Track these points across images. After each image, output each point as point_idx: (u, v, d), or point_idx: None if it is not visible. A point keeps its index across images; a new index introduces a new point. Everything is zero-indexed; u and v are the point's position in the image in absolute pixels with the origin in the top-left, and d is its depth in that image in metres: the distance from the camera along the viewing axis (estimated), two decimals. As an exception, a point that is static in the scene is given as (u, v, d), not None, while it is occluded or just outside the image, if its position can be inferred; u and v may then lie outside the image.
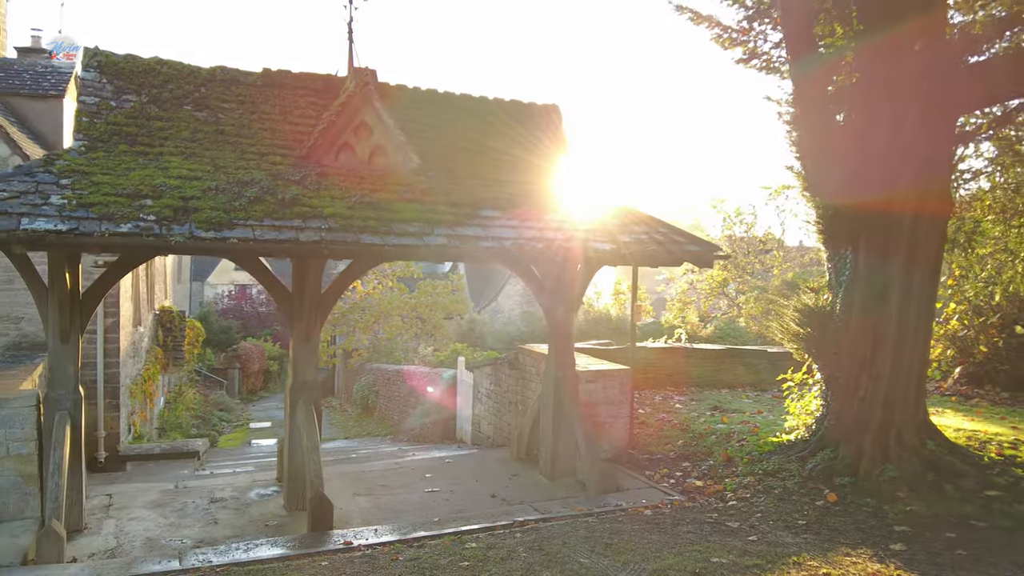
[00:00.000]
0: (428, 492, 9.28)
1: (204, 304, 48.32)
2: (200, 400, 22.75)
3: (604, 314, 36.21)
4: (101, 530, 7.90)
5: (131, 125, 7.48)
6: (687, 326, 34.95)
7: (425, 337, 26.78)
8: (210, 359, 35.38)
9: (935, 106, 7.75)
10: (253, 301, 50.60)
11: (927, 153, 7.81)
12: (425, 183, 8.12)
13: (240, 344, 38.05)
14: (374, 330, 27.90)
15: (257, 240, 6.63)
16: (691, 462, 9.65)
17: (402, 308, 26.97)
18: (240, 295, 50.82)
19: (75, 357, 7.65)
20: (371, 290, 29.64)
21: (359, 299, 29.07)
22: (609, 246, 8.11)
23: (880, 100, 7.94)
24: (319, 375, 8.49)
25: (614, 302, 39.37)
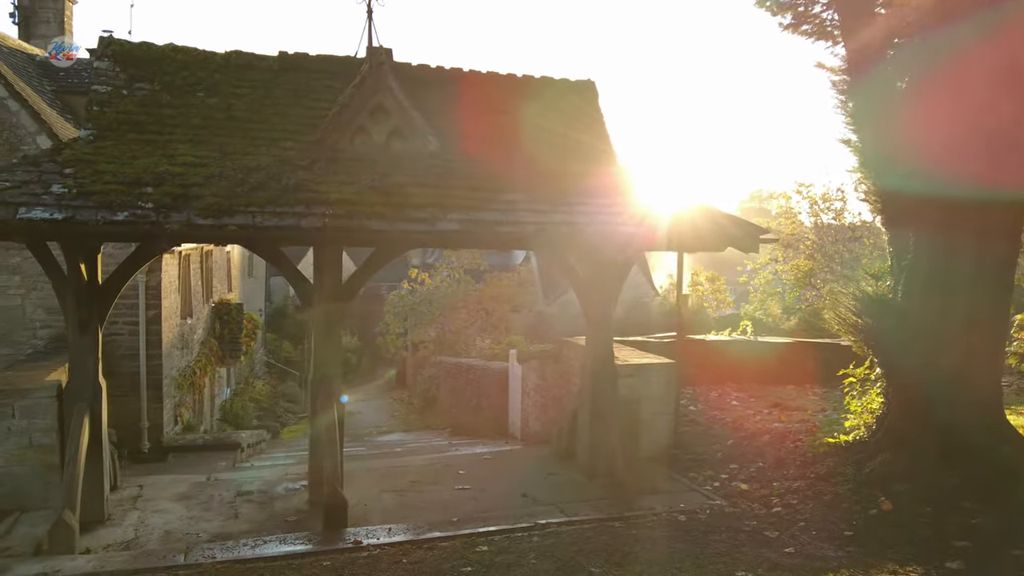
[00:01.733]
0: (458, 490, 8.91)
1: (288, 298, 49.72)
2: (268, 391, 23.17)
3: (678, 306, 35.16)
4: (123, 521, 7.85)
5: (141, 113, 7.37)
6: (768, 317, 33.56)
7: (491, 330, 26.53)
8: (288, 351, 36.24)
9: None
10: (333, 296, 51.35)
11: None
12: (443, 166, 7.72)
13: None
14: (441, 323, 27.88)
15: (257, 227, 6.38)
16: (739, 464, 8.94)
17: (467, 301, 26.79)
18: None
19: (95, 348, 7.62)
20: (439, 283, 29.64)
21: (427, 292, 29.13)
22: (639, 230, 7.52)
23: (961, 66, 7.01)
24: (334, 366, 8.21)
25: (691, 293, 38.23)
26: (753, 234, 8.00)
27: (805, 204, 28.88)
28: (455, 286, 28.40)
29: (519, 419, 14.02)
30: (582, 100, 9.23)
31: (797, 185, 29.03)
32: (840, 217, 28.40)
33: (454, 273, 29.59)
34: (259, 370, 30.10)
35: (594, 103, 9.29)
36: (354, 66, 8.20)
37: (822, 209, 28.28)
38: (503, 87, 8.94)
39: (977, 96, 6.86)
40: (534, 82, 9.14)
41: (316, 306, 8.04)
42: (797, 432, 9.39)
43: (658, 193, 8.44)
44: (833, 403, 11.07)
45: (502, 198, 7.43)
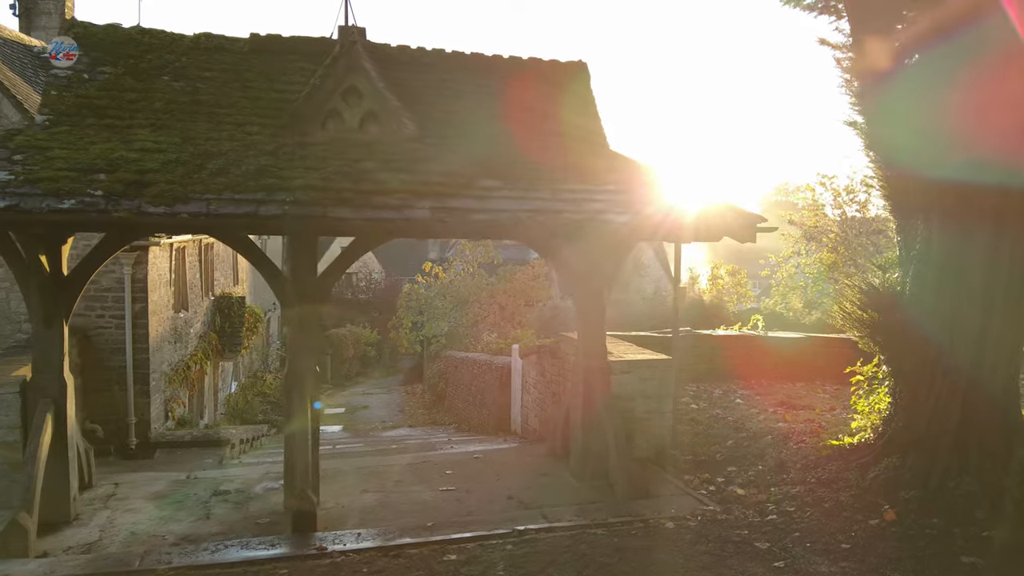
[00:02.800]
0: (442, 491, 8.53)
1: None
2: (277, 385, 22.95)
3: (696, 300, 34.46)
4: (91, 521, 7.58)
5: (102, 98, 7.05)
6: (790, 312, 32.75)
7: (503, 324, 26.13)
8: (308, 345, 36.11)
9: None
10: (354, 288, 51.58)
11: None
12: (419, 151, 7.32)
13: (332, 330, 38.70)
14: (454, 317, 27.54)
15: (211, 215, 6.02)
16: (738, 466, 8.46)
17: (480, 295, 26.39)
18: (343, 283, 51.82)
19: (60, 342, 7.34)
20: (453, 277, 29.28)
21: (441, 286, 28.78)
22: (626, 218, 7.06)
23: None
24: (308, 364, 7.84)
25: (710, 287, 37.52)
26: (750, 223, 7.50)
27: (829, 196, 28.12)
28: (469, 280, 28.00)
29: (520, 416, 13.63)
30: (573, 82, 8.77)
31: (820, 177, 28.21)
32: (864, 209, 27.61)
33: (468, 267, 29.20)
34: (272, 364, 30.01)
35: (586, 85, 8.82)
36: (330, 47, 7.81)
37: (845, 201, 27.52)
38: (489, 69, 8.51)
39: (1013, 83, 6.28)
40: (522, 64, 8.70)
41: (289, 300, 7.69)
42: (801, 433, 8.88)
43: (653, 181, 7.96)
44: (843, 402, 10.50)
45: (479, 184, 7.01)
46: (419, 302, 28.39)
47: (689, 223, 7.38)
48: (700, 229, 7.45)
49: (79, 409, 10.55)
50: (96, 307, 10.80)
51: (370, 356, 42.07)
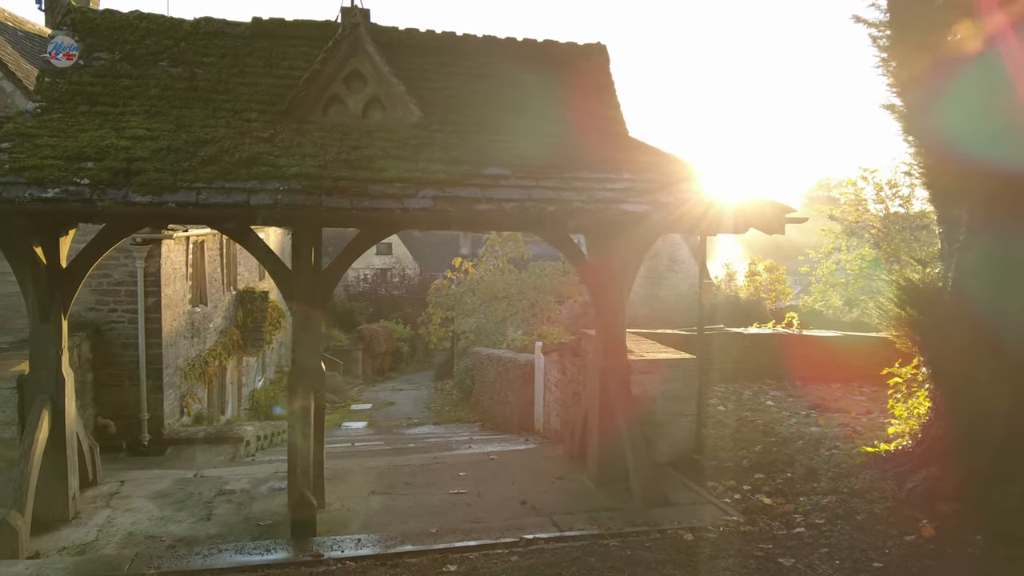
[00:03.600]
0: (452, 494, 8.18)
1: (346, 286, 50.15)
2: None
3: (732, 297, 33.67)
4: (90, 521, 7.38)
5: (97, 84, 6.82)
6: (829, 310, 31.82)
7: (533, 320, 25.74)
8: (340, 340, 36.25)
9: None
10: (388, 284, 51.70)
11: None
12: (423, 138, 6.96)
13: (364, 326, 38.77)
14: (484, 313, 27.24)
15: (199, 205, 5.73)
16: (765, 473, 7.96)
17: (509, 290, 26.03)
18: (378, 278, 52.05)
19: (57, 337, 7.15)
20: (484, 273, 28.98)
21: (471, 282, 28.50)
22: (642, 208, 6.61)
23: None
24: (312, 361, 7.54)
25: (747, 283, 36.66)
26: (779, 214, 7.00)
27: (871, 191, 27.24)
28: (498, 276, 27.65)
29: (542, 415, 13.24)
30: (591, 65, 8.32)
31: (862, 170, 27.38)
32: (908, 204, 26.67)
33: (498, 262, 28.86)
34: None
35: (604, 69, 8.36)
36: (334, 31, 7.49)
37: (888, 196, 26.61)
38: (501, 52, 8.11)
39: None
40: (537, 46, 8.28)
41: (291, 295, 7.40)
42: (835, 438, 8.33)
43: (675, 170, 7.49)
44: (881, 405, 9.89)
45: (485, 172, 6.63)
46: (448, 298, 28.13)
47: (712, 214, 6.91)
48: (724, 221, 6.97)
49: (91, 404, 10.52)
50: (108, 301, 10.67)
51: (403, 352, 42.09)
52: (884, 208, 27.31)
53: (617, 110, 8.08)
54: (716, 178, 7.45)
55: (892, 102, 7.03)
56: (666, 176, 7.22)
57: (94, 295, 10.65)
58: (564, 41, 8.32)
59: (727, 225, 6.94)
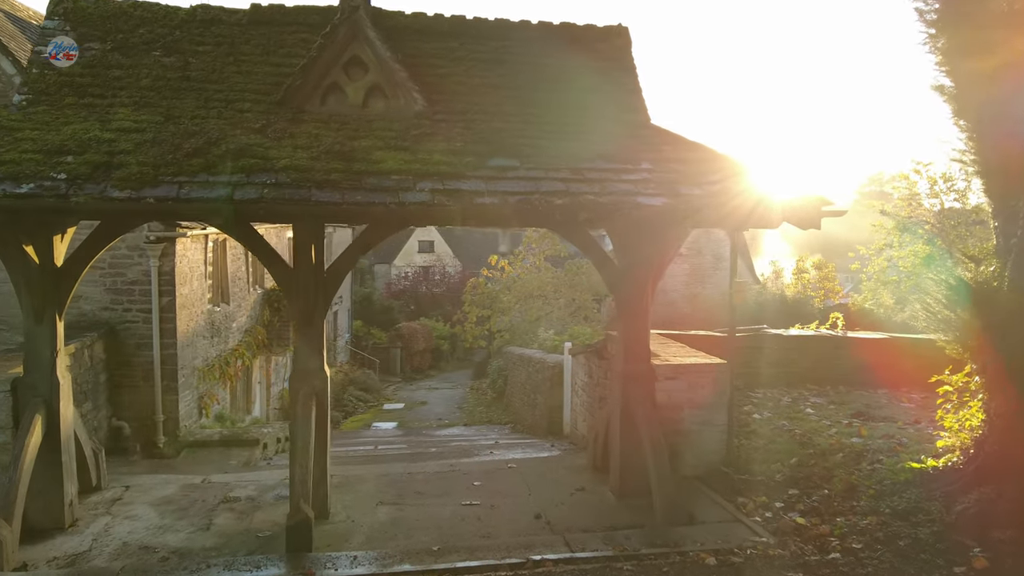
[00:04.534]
0: (464, 506, 7.74)
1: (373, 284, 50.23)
2: (340, 380, 22.74)
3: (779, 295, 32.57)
4: (87, 529, 7.13)
5: (86, 75, 6.54)
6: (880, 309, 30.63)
7: (569, 319, 25.18)
8: (379, 338, 36.18)
9: None
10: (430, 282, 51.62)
11: None
12: (426, 128, 6.52)
13: (403, 323, 38.61)
14: (521, 311, 26.76)
15: (180, 199, 5.38)
16: (801, 489, 7.35)
17: (544, 288, 25.50)
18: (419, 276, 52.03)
19: (52, 338, 6.89)
20: (521, 271, 28.50)
21: (507, 280, 28.05)
22: (660, 201, 6.07)
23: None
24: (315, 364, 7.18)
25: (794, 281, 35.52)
26: (813, 207, 6.39)
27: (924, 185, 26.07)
28: (534, 274, 27.13)
29: (570, 419, 12.73)
30: (611, 49, 7.78)
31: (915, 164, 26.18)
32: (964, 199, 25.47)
33: (535, 260, 28.35)
34: (343, 358, 30.01)
35: (625, 52, 7.81)
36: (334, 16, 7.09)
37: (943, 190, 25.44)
38: (515, 36, 7.62)
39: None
40: (553, 29, 7.77)
41: (294, 293, 7.03)
42: (878, 451, 7.66)
43: (701, 160, 6.91)
44: (930, 414, 9.13)
45: (491, 164, 6.16)
46: (483, 296, 27.72)
47: (742, 207, 6.32)
48: (753, 214, 6.38)
49: (104, 406, 10.36)
50: (123, 300, 10.50)
51: (443, 349, 41.83)
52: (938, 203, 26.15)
53: (638, 96, 7.52)
54: (748, 170, 6.85)
55: (941, 82, 6.36)
56: (690, 167, 6.66)
57: (108, 294, 10.50)
58: (582, 23, 7.79)
59: (758, 219, 6.35)
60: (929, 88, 6.44)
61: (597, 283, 26.83)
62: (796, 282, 35.54)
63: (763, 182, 6.64)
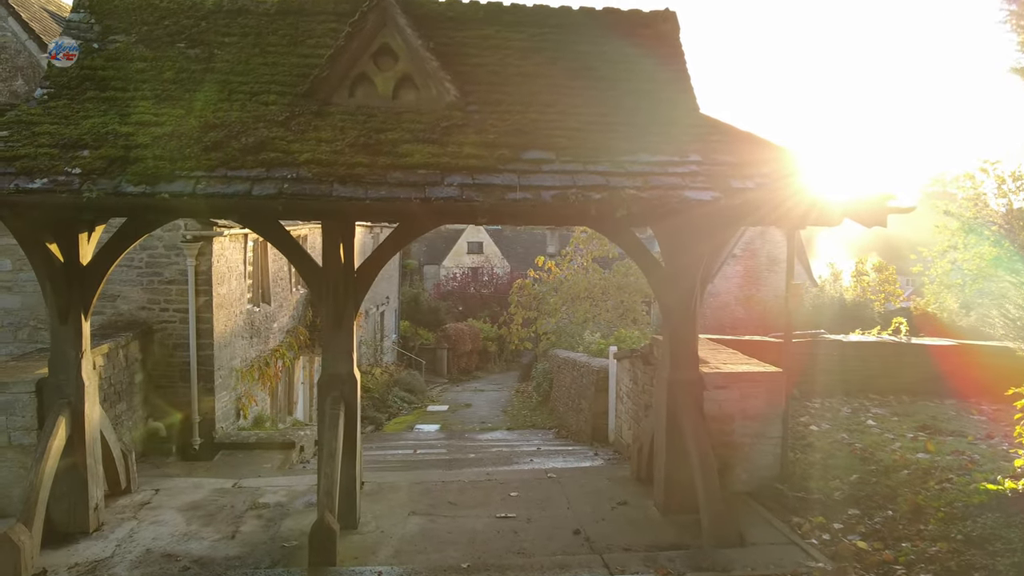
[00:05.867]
0: (499, 518, 7.37)
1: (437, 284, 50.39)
2: (384, 380, 22.61)
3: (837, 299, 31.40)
4: (112, 534, 6.96)
5: (109, 68, 6.35)
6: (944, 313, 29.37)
7: (617, 322, 24.62)
8: (426, 338, 36.12)
9: None
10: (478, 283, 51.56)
11: None
12: (457, 120, 6.16)
13: (450, 324, 38.48)
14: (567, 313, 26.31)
15: (196, 195, 5.13)
16: (862, 509, 6.77)
17: (592, 290, 24.99)
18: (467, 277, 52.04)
19: (77, 339, 6.74)
20: (568, 272, 28.05)
21: (554, 281, 27.64)
22: (709, 195, 5.60)
23: None
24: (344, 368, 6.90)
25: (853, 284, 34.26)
26: (879, 202, 5.83)
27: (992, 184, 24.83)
28: (582, 275, 26.63)
29: (615, 426, 12.25)
30: (657, 35, 7.30)
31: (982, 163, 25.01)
32: (1036, 197, 24.16)
33: (583, 261, 27.87)
34: (389, 358, 29.94)
35: (673, 38, 7.32)
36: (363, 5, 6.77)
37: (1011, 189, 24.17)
38: (554, 23, 7.21)
39: None
40: (595, 15, 7.33)
41: (322, 294, 6.76)
42: (947, 468, 7.01)
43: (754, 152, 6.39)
44: (1005, 428, 8.41)
45: (525, 157, 5.77)
46: (530, 298, 27.35)
47: (798, 203, 5.80)
48: (813, 210, 5.85)
49: (140, 407, 10.27)
50: (160, 300, 10.42)
51: (490, 351, 41.60)
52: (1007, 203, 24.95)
53: (687, 85, 7.03)
54: (807, 163, 6.31)
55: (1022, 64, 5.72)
56: (743, 159, 6.15)
57: (145, 294, 10.42)
58: (627, 8, 7.34)
59: (818, 216, 5.82)
60: (1008, 71, 5.80)
61: (646, 285, 26.17)
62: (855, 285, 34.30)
63: (823, 176, 6.11)
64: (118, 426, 9.36)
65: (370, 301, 26.34)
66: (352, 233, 6.78)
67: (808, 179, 5.99)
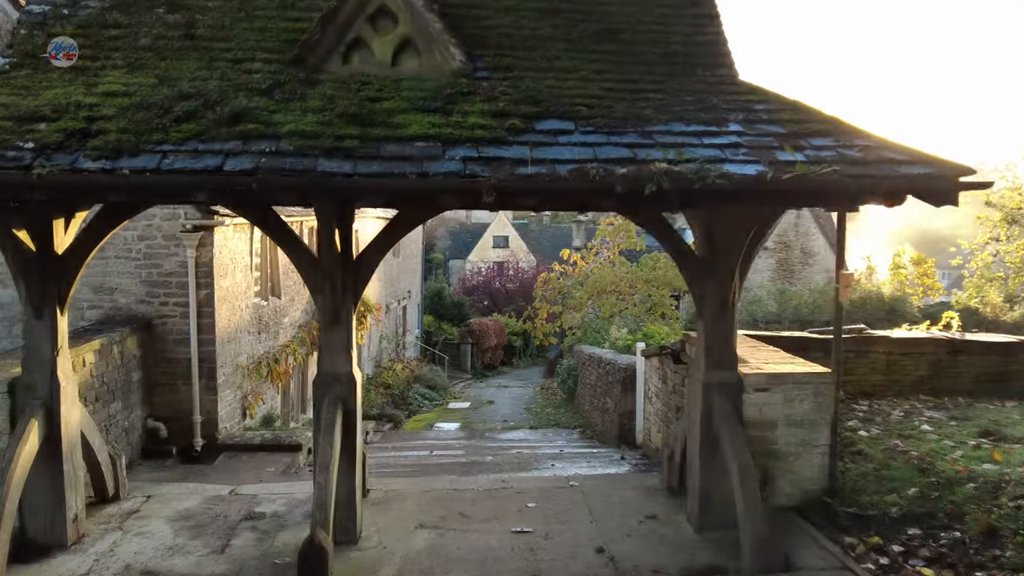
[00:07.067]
0: (515, 533, 6.67)
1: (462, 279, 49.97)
2: (405, 375, 22.02)
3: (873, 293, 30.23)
4: (92, 547, 6.38)
5: (79, 36, 5.73)
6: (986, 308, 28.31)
7: (645, 317, 23.79)
8: (450, 333, 35.58)
9: None
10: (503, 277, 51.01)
11: None
12: (463, 87, 5.45)
13: (474, 319, 37.91)
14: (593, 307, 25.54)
15: (160, 171, 4.49)
16: (924, 529, 5.97)
17: (618, 284, 24.17)
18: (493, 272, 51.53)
19: (52, 335, 6.18)
20: (594, 266, 27.27)
21: (580, 275, 26.88)
22: (756, 168, 4.84)
23: None
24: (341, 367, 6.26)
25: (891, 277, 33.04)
26: (949, 175, 5.00)
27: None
28: (609, 268, 25.82)
29: (643, 427, 11.49)
30: (687, -7, 6.52)
31: (1024, 151, 23.79)
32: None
33: (609, 254, 27.08)
34: (411, 353, 29.38)
35: (708, -1, 6.55)
36: (364, -38, 6.08)
37: (1068, 173, 23.06)
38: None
39: None
40: (622, -27, 6.57)
41: (317, 285, 6.10)
42: (1021, 483, 6.17)
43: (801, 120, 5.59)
44: (1086, 436, 7.52)
45: (539, 127, 5.06)
46: (554, 292, 26.61)
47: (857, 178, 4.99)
48: (871, 186, 5.05)
49: (139, 406, 9.71)
50: (159, 293, 9.85)
51: (515, 346, 41.03)
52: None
53: (723, 47, 6.25)
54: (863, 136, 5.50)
55: None
56: (790, 128, 5.37)
57: (144, 286, 9.86)
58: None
59: (880, 192, 5.02)
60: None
61: (675, 278, 25.29)
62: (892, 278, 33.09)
63: (882, 149, 5.30)
64: (112, 427, 8.83)
65: (391, 296, 25.77)
66: (351, 217, 6.10)
67: (867, 152, 5.20)
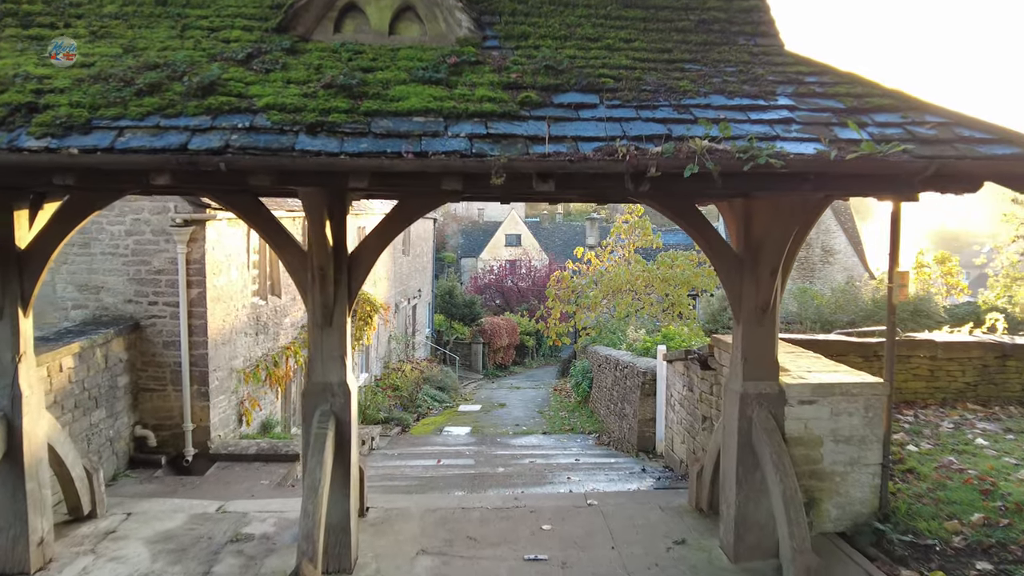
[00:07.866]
0: (527, 561, 5.99)
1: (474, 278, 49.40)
2: (414, 377, 21.35)
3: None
4: (60, 573, 5.77)
5: (37, 2, 5.09)
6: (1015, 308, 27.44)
7: (662, 317, 23.03)
8: (461, 333, 34.94)
9: None
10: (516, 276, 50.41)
11: None
12: (470, 56, 4.75)
13: (485, 319, 37.25)
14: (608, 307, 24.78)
15: (114, 150, 3.82)
16: (994, 562, 5.23)
17: (634, 283, 23.41)
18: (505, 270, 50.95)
19: (13, 339, 5.55)
20: (609, 264, 26.52)
21: (594, 274, 26.13)
22: (814, 147, 4.12)
23: None
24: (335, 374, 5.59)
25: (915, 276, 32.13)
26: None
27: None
28: (624, 267, 25.05)
29: (664, 436, 10.77)
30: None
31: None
32: None
33: (624, 252, 26.31)
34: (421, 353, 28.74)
35: (748, -39, 5.81)
36: (361, -80, 5.39)
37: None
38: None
39: None
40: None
41: (308, 283, 5.43)
42: (1106, 511, 5.42)
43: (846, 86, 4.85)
44: None
45: (557, 100, 4.36)
46: (568, 291, 25.88)
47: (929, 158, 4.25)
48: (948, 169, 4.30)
49: (126, 412, 9.08)
50: (148, 292, 9.21)
51: (528, 346, 40.40)
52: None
53: (767, 15, 5.52)
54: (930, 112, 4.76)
55: None
56: (848, 103, 4.63)
57: (132, 285, 9.22)
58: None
59: (955, 176, 4.28)
60: None
61: (692, 276, 24.51)
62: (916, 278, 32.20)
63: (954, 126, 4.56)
64: (95, 436, 8.20)
65: (401, 295, 25.14)
66: (345, 207, 5.42)
67: (940, 129, 4.46)
